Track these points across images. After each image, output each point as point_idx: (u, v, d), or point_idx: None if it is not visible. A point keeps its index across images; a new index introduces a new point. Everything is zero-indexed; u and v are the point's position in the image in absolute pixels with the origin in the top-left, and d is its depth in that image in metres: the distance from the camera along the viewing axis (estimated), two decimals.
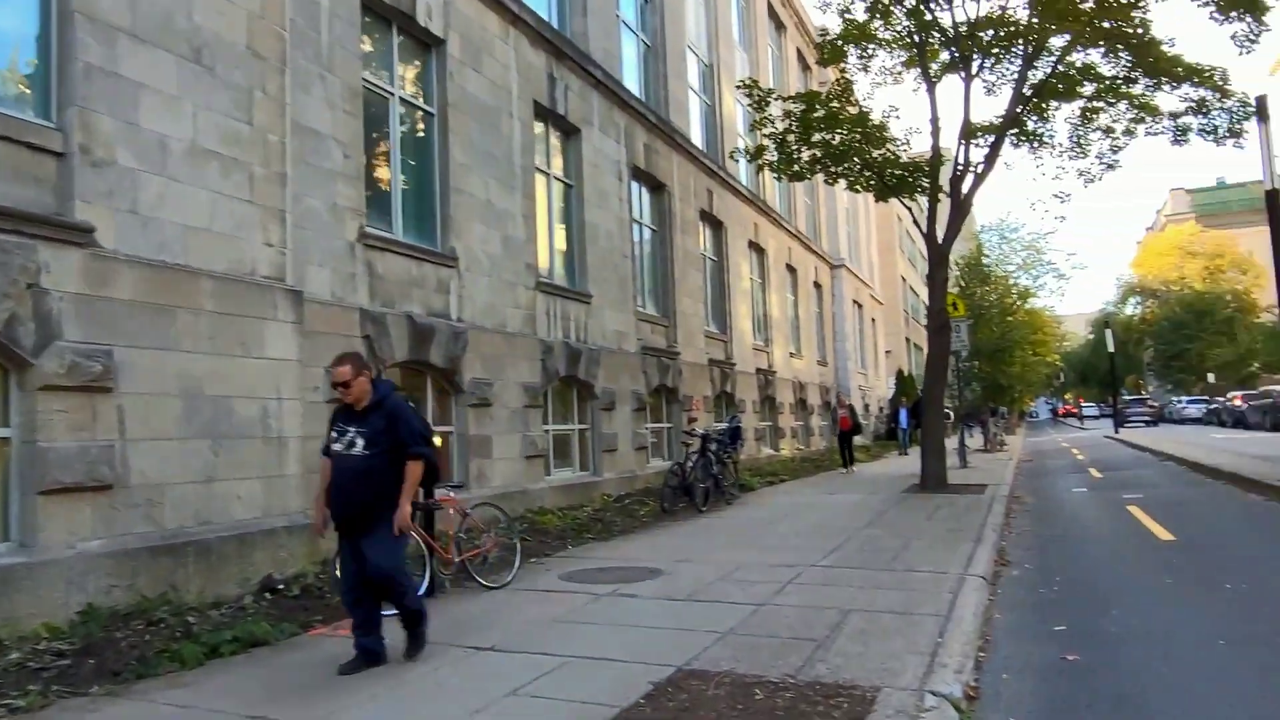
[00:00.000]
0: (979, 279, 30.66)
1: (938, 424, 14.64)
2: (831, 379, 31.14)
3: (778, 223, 25.24)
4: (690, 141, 18.56)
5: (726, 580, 7.27)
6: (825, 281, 31.23)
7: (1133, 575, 7.29)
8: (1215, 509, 11.11)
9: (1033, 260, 53.16)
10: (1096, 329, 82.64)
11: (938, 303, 14.57)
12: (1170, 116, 16.36)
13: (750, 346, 22.08)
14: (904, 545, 8.75)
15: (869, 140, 14.42)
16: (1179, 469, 17.32)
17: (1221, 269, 66.23)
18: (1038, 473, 19.44)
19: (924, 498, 13.29)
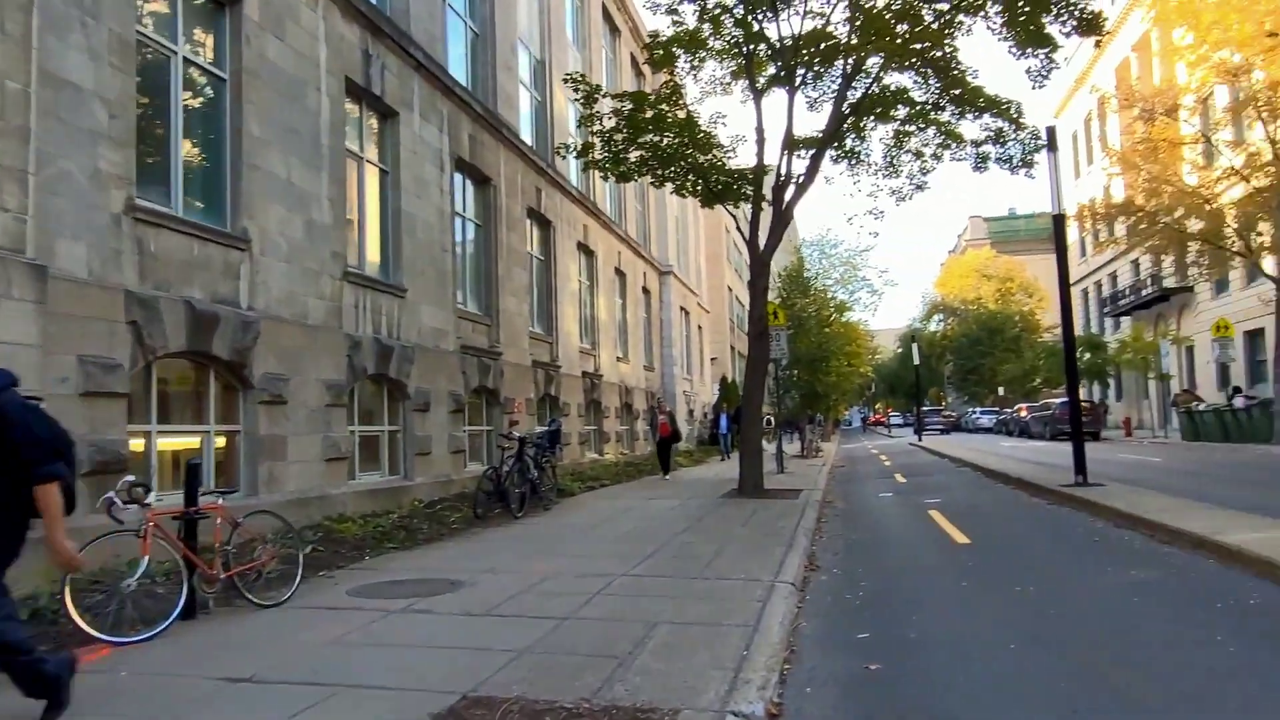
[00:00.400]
0: (799, 290, 31.79)
1: (756, 429, 14.82)
2: (658, 384, 31.36)
3: (608, 226, 25.10)
4: (519, 136, 18.05)
5: (532, 592, 6.84)
6: (654, 287, 31.44)
7: (932, 579, 7.43)
8: (1005, 513, 11.74)
9: (849, 276, 56.18)
10: (904, 343, 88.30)
11: (758, 309, 14.76)
12: (973, 144, 17.36)
13: (577, 349, 21.78)
14: (718, 552, 8.62)
15: (696, 145, 14.43)
16: (974, 475, 18.43)
17: (1012, 291, 72.27)
18: (849, 478, 20.19)
19: (741, 503, 13.37)
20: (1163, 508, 9.63)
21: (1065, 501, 11.79)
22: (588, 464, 21.21)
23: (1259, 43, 22.43)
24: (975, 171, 18.34)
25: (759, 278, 14.76)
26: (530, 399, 18.08)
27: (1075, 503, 11.37)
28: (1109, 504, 10.26)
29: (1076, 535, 9.21)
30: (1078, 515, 10.68)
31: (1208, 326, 35.24)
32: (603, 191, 25.33)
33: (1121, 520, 9.53)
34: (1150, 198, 25.67)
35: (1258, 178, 23.80)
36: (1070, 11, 13.06)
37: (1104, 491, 11.65)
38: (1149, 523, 8.83)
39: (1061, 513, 11.16)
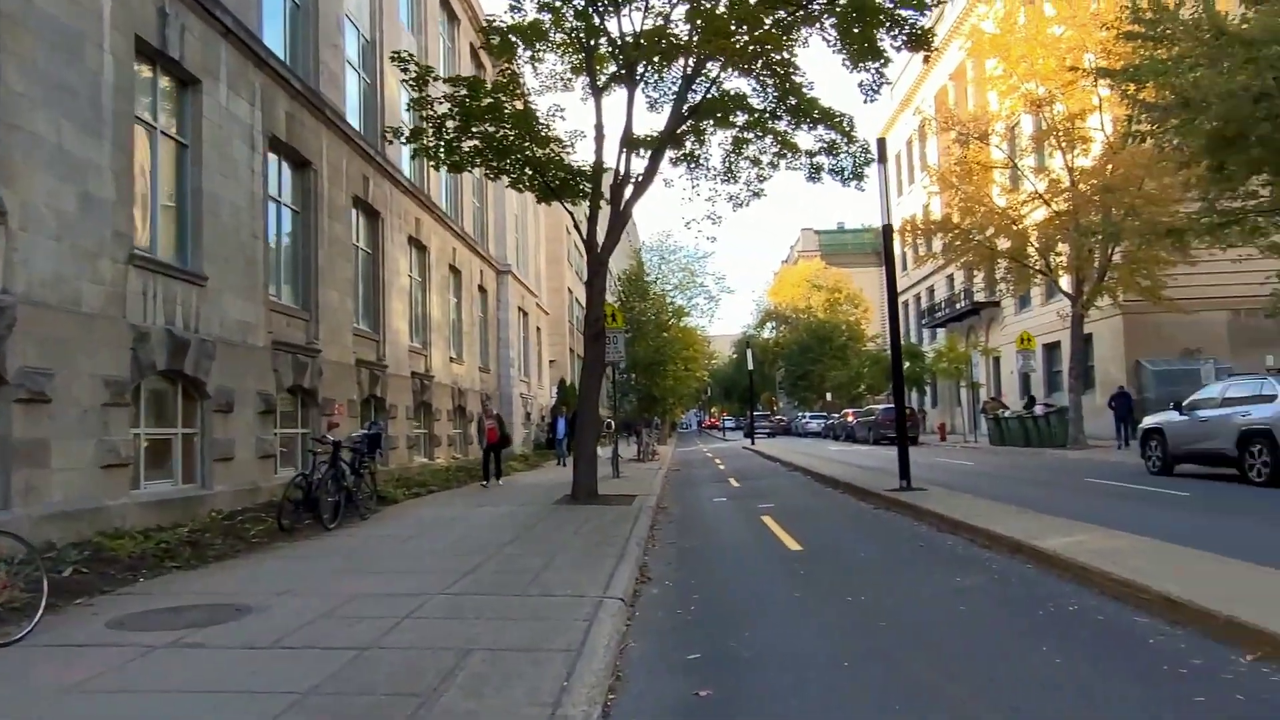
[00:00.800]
0: (638, 294, 31.80)
1: (592, 434, 14.40)
2: (494, 386, 30.46)
3: (443, 221, 24.07)
4: (345, 120, 16.87)
5: (332, 617, 6.07)
6: (491, 286, 30.55)
7: (765, 590, 7.19)
8: (835, 518, 11.83)
9: (688, 281, 57.12)
10: (739, 348, 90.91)
11: (595, 310, 14.36)
12: (807, 155, 17.70)
13: (406, 348, 20.68)
14: (546, 564, 8.10)
15: (534, 138, 13.86)
16: (805, 479, 18.77)
17: (839, 301, 75.75)
18: (684, 482, 20.15)
19: (574, 509, 12.90)
20: (980, 512, 9.90)
21: (891, 506, 12.02)
22: (416, 469, 20.16)
23: (1060, 77, 24.21)
24: (810, 182, 18.67)
25: (596, 277, 14.36)
26: (353, 400, 16.92)
27: (900, 507, 11.60)
28: (932, 508, 10.48)
29: (903, 540, 9.29)
30: (903, 520, 10.88)
31: (1012, 339, 37.94)
32: (437, 185, 24.29)
33: (944, 525, 9.72)
34: (965, 216, 27.24)
35: (1057, 202, 25.70)
36: (901, 26, 13.40)
37: (926, 496, 11.96)
38: (969, 527, 9.01)
39: (888, 517, 11.34)
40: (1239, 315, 28.99)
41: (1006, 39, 25.75)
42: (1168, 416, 16.07)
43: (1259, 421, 13.56)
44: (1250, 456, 13.67)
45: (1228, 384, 14.91)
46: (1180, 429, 15.47)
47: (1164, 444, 15.85)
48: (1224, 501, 11.95)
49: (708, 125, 17.01)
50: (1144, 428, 16.61)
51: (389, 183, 19.58)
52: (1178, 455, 15.61)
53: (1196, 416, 15.15)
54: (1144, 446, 16.56)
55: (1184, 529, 9.05)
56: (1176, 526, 9.32)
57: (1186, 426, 15.31)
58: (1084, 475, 16.77)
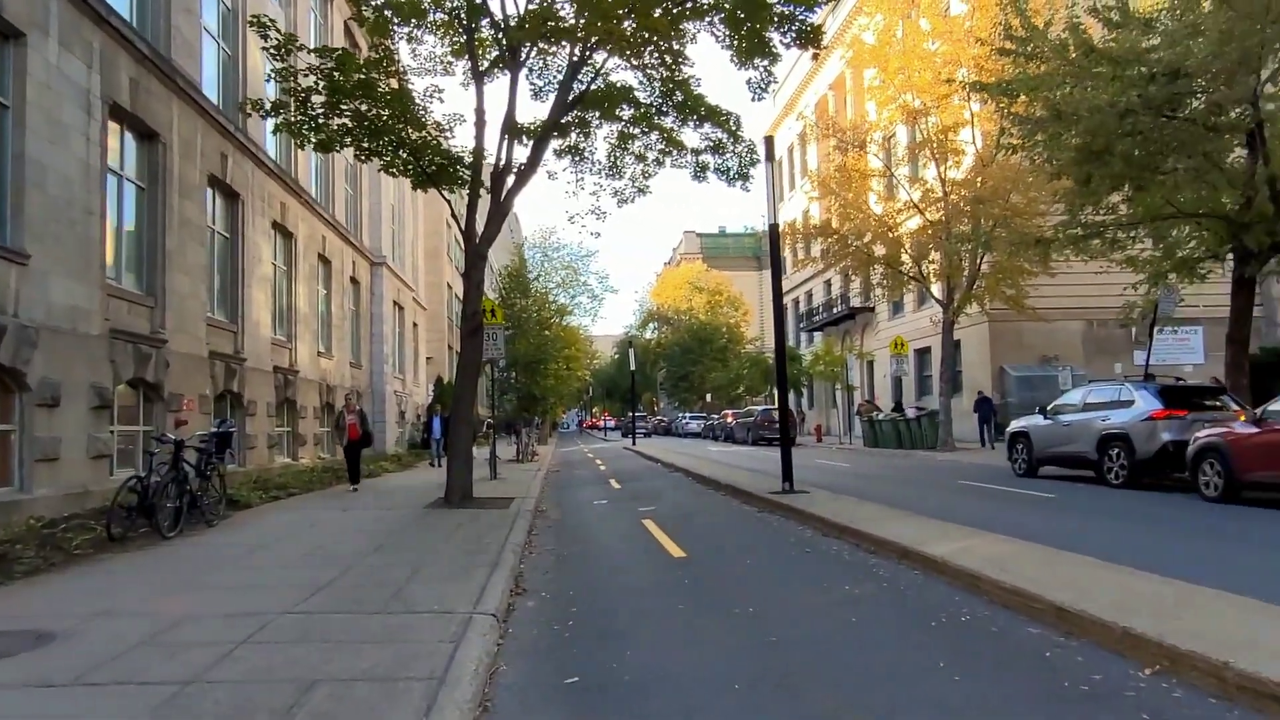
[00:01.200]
0: (520, 290, 31.01)
1: (467, 433, 13.68)
2: (366, 382, 29.12)
3: (311, 207, 22.72)
4: (200, 91, 15.54)
5: (154, 644, 5.27)
6: (364, 278, 29.18)
7: (649, 602, 6.75)
8: (718, 522, 11.53)
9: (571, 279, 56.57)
10: (621, 349, 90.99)
11: (473, 304, 13.66)
12: (693, 153, 17.57)
13: (268, 341, 19.35)
14: (412, 575, 7.42)
15: (409, 120, 13.03)
16: (686, 480, 18.54)
17: (720, 304, 76.74)
18: (564, 484, 19.61)
19: (447, 513, 12.18)
20: (865, 516, 9.78)
21: (774, 509, 11.83)
22: (277, 471, 18.87)
23: (935, 90, 24.94)
24: (695, 180, 18.51)
25: (475, 270, 13.66)
26: (205, 396, 15.63)
27: (784, 510, 11.42)
28: (816, 512, 10.31)
29: (788, 545, 9.04)
30: (787, 523, 10.68)
31: (886, 343, 39.10)
32: (306, 168, 22.93)
33: (829, 529, 9.54)
34: (844, 222, 27.76)
35: (930, 212, 26.51)
36: (791, 23, 13.28)
37: (809, 499, 11.83)
38: (855, 531, 8.84)
39: (772, 521, 11.12)
40: (1093, 325, 30.70)
41: (885, 51, 26.38)
42: (1033, 420, 16.63)
43: (1117, 426, 14.13)
44: (1109, 460, 14.23)
45: (1088, 390, 15.54)
46: (1045, 433, 16.01)
47: (1029, 447, 16.38)
48: (1088, 503, 12.32)
49: (593, 117, 16.58)
50: (1010, 431, 17.14)
51: (251, 162, 18.24)
52: (1042, 458, 16.15)
53: (1060, 421, 15.71)
54: (1010, 449, 17.09)
55: (1058, 531, 9.17)
56: (1050, 529, 9.45)
57: (1051, 430, 15.85)
58: (956, 477, 17.16)
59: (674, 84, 15.76)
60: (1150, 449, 13.52)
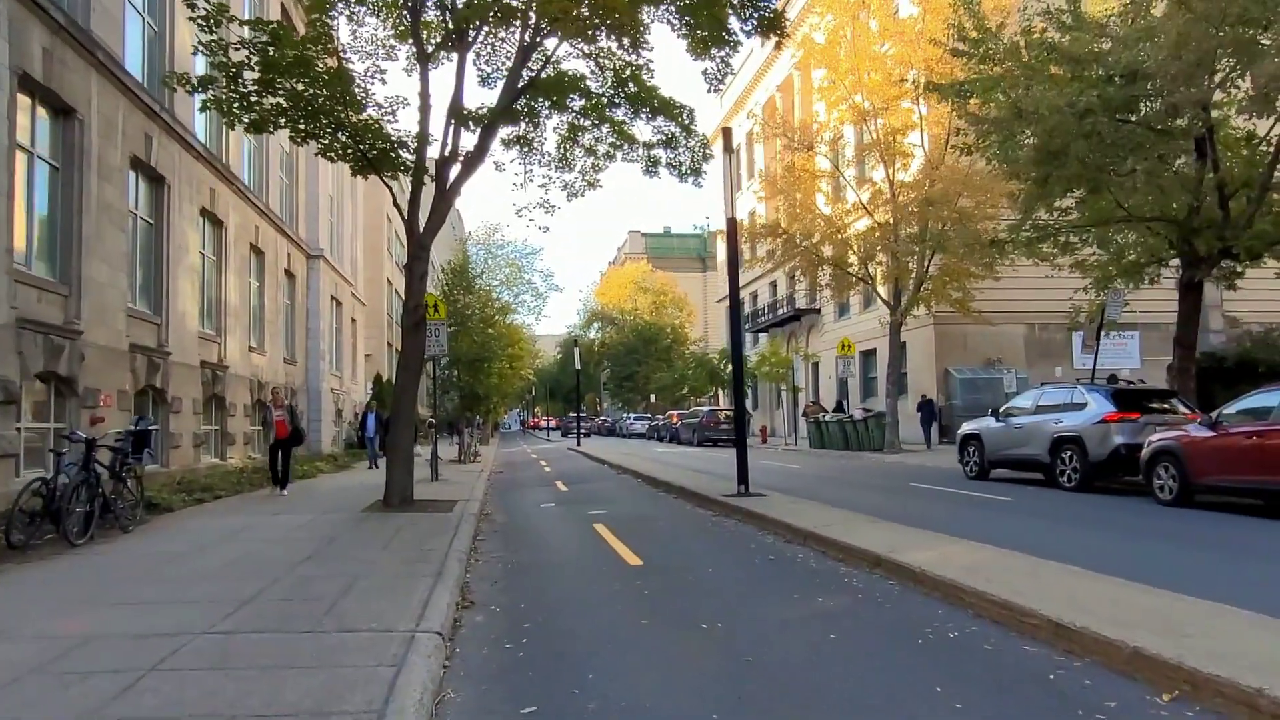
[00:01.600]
0: (463, 286, 30.21)
1: (407, 432, 12.98)
2: (301, 379, 28.03)
3: (244, 195, 21.68)
4: (122, 67, 14.55)
5: (48, 671, 4.60)
6: (300, 271, 28.08)
7: (608, 616, 6.25)
8: (674, 527, 11.05)
9: (515, 277, 55.72)
10: (565, 348, 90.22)
11: (415, 298, 12.98)
12: (645, 147, 17.16)
13: (195, 334, 18.33)
14: (347, 588, 6.80)
15: (349, 102, 12.29)
16: (636, 482, 18.06)
17: (665, 304, 76.60)
18: (509, 485, 18.98)
19: (386, 518, 11.50)
20: (829, 521, 9.42)
21: (732, 513, 11.41)
22: (204, 471, 17.89)
23: (886, 91, 24.91)
24: (647, 175, 18.08)
25: (417, 262, 12.98)
26: (125, 391, 14.64)
27: (742, 515, 11.00)
28: (776, 517, 9.91)
29: (751, 553, 8.61)
30: (746, 529, 10.25)
31: (832, 345, 39.17)
32: (239, 154, 21.88)
33: (792, 535, 9.14)
34: (792, 222, 27.60)
35: (879, 214, 26.50)
36: (752, 7, 12.91)
37: (767, 502, 11.44)
38: (820, 538, 8.46)
39: (730, 526, 10.68)
40: (1035, 329, 31.10)
41: (835, 51, 26.29)
42: (985, 423, 16.54)
43: (1070, 429, 14.07)
44: (1061, 462, 14.16)
45: (1040, 392, 15.49)
46: (997, 435, 15.93)
47: (981, 449, 16.29)
48: (1045, 507, 12.16)
49: (543, 107, 16.06)
50: (962, 434, 17.04)
51: (178, 145, 17.23)
52: (994, 460, 16.06)
53: (1012, 423, 15.63)
54: (961, 451, 16.99)
55: (1023, 536, 8.92)
56: (1015, 534, 9.20)
57: (1002, 433, 15.77)
58: (908, 479, 17.00)
59: (627, 74, 15.32)
60: (1103, 452, 13.47)
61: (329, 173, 31.55)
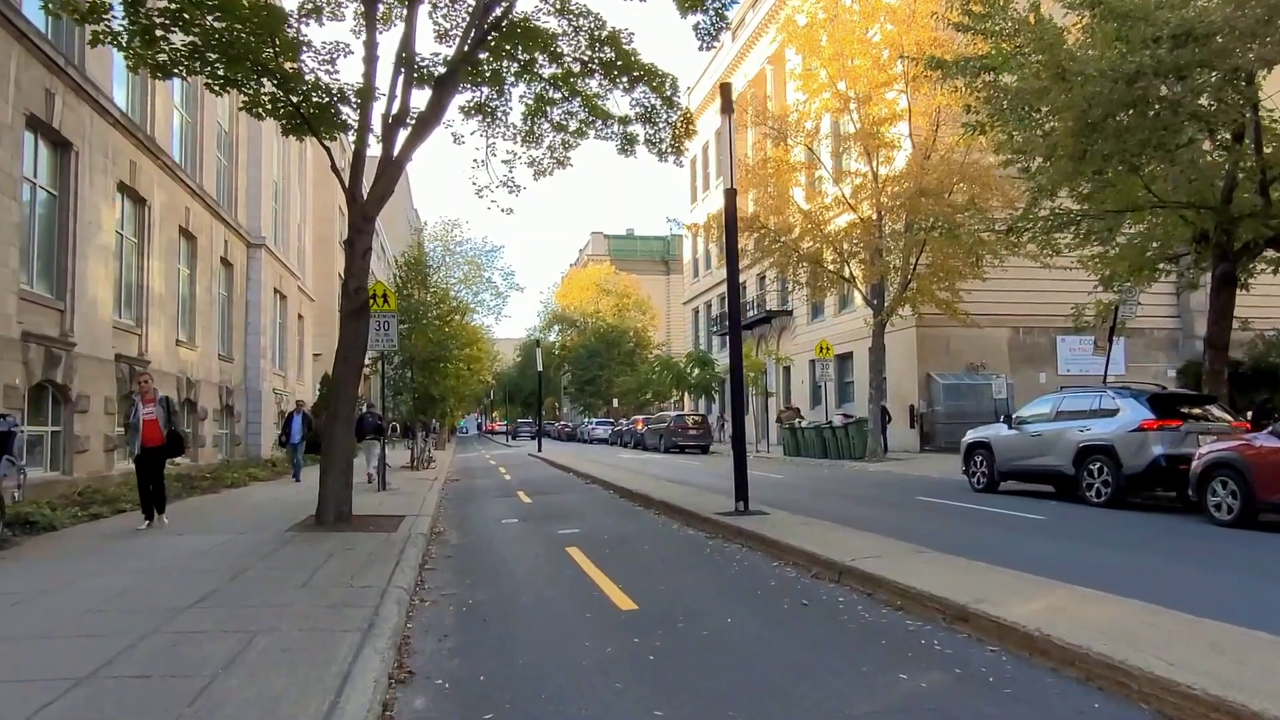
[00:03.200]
0: (418, 280, 28.09)
1: (345, 436, 11.01)
2: (239, 378, 25.77)
3: (172, 171, 19.48)
4: (14, 8, 12.45)
5: None
6: (239, 260, 25.81)
7: (605, 699, 4.42)
8: (665, 553, 9.18)
9: (474, 275, 53.56)
10: (524, 351, 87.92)
11: (357, 279, 11.04)
12: (621, 122, 15.61)
13: (109, 324, 16.17)
14: (239, 651, 4.90)
15: (281, 45, 10.33)
16: (607, 494, 16.19)
17: (628, 307, 74.76)
18: (466, 496, 17.04)
19: (315, 539, 9.55)
20: (862, 550, 7.63)
21: (732, 536, 9.57)
22: (116, 480, 15.76)
23: (872, 77, 23.44)
24: (622, 154, 16.39)
25: (360, 236, 11.05)
26: (15, 386, 12.51)
27: (745, 538, 9.18)
28: (794, 544, 8.11)
29: (774, 594, 6.79)
30: (756, 557, 8.44)
31: (805, 348, 37.72)
32: (167, 126, 19.69)
33: (820, 569, 7.34)
34: (770, 215, 26.00)
35: (863, 208, 25.01)
36: None
37: (772, 523, 9.67)
38: (863, 575, 6.66)
39: (734, 553, 8.84)
40: (1019, 333, 29.87)
41: (817, 36, 24.75)
42: (995, 431, 15.00)
43: (1100, 438, 12.54)
44: (1088, 475, 12.63)
45: (1061, 397, 13.95)
46: (1010, 444, 14.38)
47: (990, 459, 14.73)
48: (1089, 528, 10.54)
49: (508, 72, 14.32)
50: (968, 442, 15.48)
51: (89, 108, 15.08)
52: (1005, 471, 14.52)
53: (1027, 431, 14.09)
54: (967, 461, 15.42)
55: (1102, 569, 7.31)
56: (1087, 565, 7.57)
57: (1017, 441, 14.22)
58: (909, 492, 15.40)
59: (604, 35, 13.64)
60: (1139, 463, 11.96)
61: (273, 156, 29.32)
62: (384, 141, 11.21)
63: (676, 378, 49.15)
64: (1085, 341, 30.22)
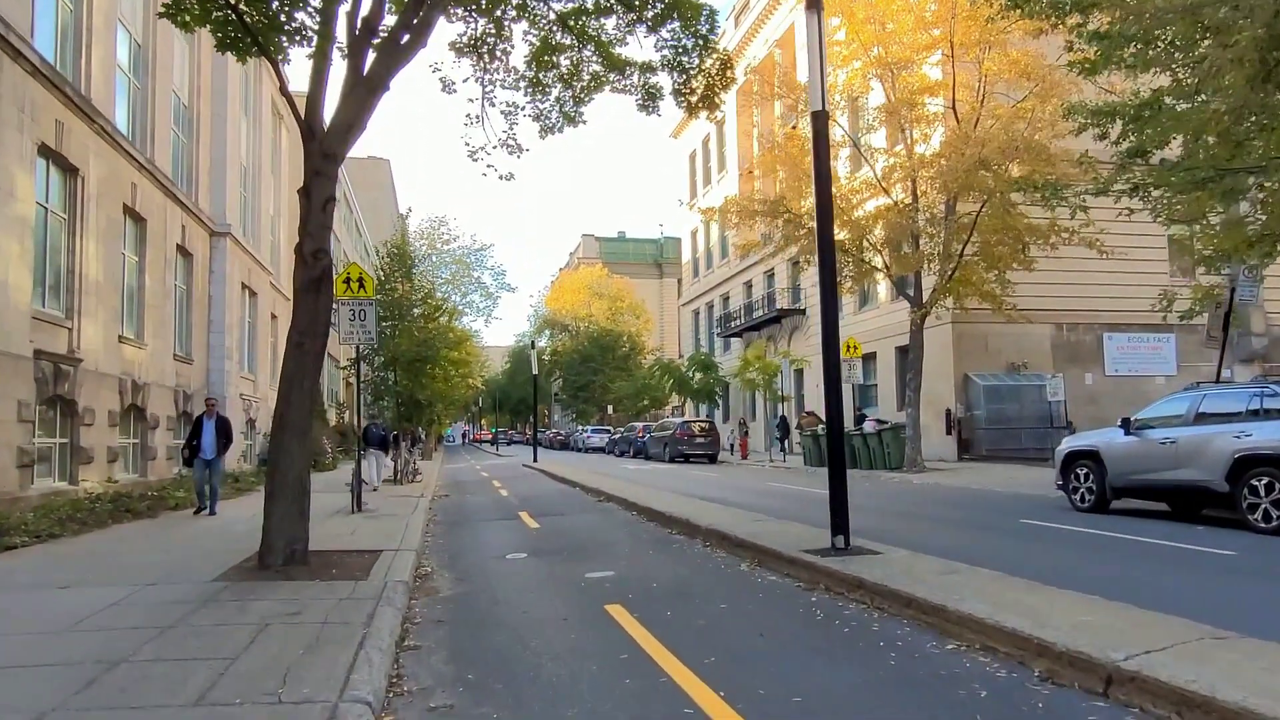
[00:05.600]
0: (402, 272, 25.34)
1: (298, 448, 8.18)
2: (201, 381, 22.88)
3: (113, 141, 16.65)
4: None
5: None
6: (200, 250, 22.95)
7: None
8: (753, 616, 6.36)
9: (462, 275, 50.74)
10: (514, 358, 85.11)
11: (316, 239, 8.32)
12: (642, 70, 13.17)
13: (25, 314, 13.33)
14: None
15: None
16: (628, 516, 13.37)
17: (622, 311, 72.04)
18: (458, 518, 14.24)
19: (252, 594, 6.79)
20: (1104, 625, 4.78)
21: (845, 589, 6.59)
22: (35, 502, 12.99)
23: (915, 39, 20.89)
24: (642, 110, 13.88)
25: (320, 180, 8.31)
26: None
27: (873, 595, 6.25)
28: (971, 611, 5.20)
29: (997, 712, 4.09)
30: (903, 629, 5.58)
31: (819, 349, 35.10)
32: (107, 88, 16.85)
33: (1047, 661, 4.43)
34: (797, 198, 23.36)
35: (895, 190, 22.45)
36: None
37: (898, 569, 6.80)
38: (1178, 695, 3.88)
39: (863, 620, 5.90)
40: (1063, 329, 27.31)
41: None
42: (1104, 438, 12.33)
43: (1266, 445, 9.89)
44: (1252, 493, 9.96)
45: (1199, 396, 11.24)
46: (1130, 453, 11.70)
47: (1100, 472, 12.05)
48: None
49: None
50: (1069, 451, 12.80)
51: None
52: (1120, 487, 11.84)
53: (1152, 438, 11.42)
54: (1067, 474, 12.74)
55: None
56: None
57: (1139, 450, 11.54)
58: (1006, 513, 12.70)
59: None
60: None
61: (241, 137, 26.51)
62: (350, 55, 8.47)
63: (678, 382, 46.43)
64: (1135, 339, 27.77)
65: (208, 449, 14.08)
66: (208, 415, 14.47)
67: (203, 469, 14.22)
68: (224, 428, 14.35)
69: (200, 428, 14.32)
